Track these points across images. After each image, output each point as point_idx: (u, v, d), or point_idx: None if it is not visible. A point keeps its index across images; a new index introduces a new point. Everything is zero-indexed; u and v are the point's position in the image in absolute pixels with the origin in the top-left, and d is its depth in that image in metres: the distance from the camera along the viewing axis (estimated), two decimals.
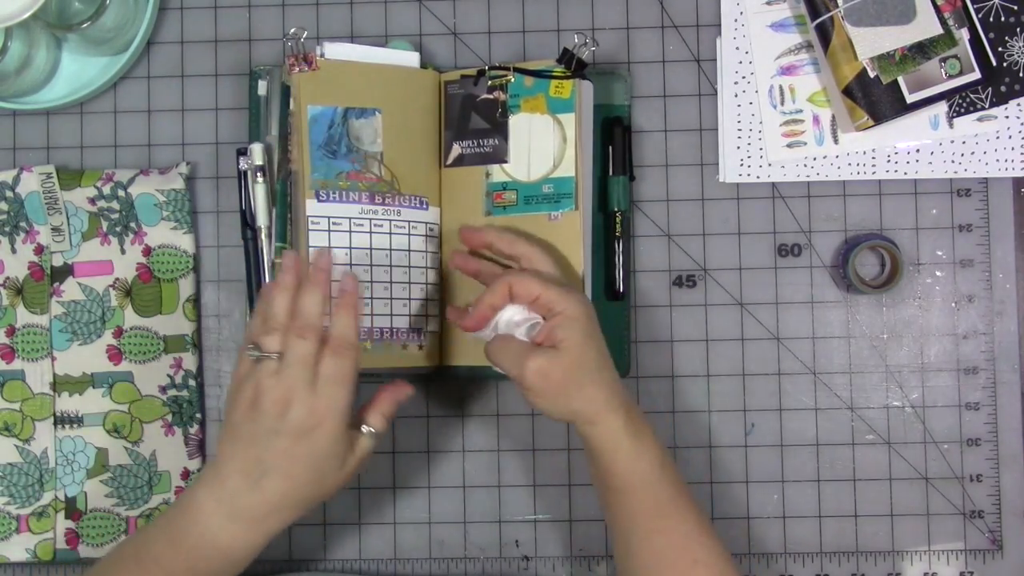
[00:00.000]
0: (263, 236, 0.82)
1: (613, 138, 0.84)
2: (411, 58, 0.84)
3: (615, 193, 0.84)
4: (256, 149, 0.81)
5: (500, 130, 0.83)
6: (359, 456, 0.70)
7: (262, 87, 0.84)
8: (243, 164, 0.82)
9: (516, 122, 0.82)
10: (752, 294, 0.87)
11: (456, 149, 0.84)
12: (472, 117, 0.83)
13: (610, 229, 0.84)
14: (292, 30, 0.79)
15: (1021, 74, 0.83)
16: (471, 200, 0.83)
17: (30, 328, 0.86)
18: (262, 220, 0.81)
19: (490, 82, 0.83)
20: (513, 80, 0.82)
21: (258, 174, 0.81)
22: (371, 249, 0.80)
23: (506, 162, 0.82)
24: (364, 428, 0.71)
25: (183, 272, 0.86)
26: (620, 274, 0.84)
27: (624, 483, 0.71)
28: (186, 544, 0.68)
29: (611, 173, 0.84)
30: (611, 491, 0.72)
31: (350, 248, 0.80)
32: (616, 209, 0.84)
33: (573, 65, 0.80)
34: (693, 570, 0.70)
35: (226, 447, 0.69)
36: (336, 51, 0.81)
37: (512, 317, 0.72)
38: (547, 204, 0.81)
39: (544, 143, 0.81)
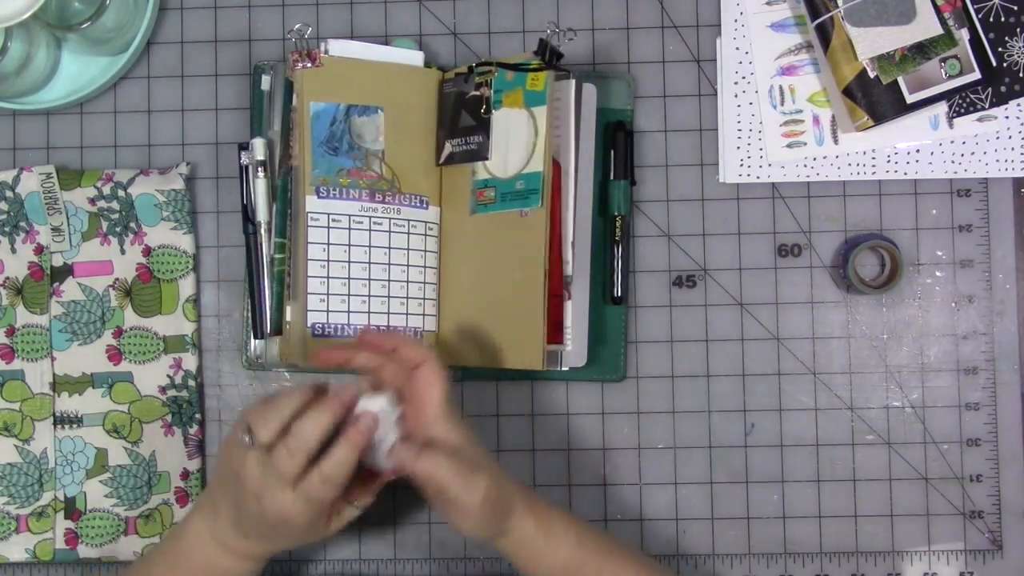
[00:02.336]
0: (263, 231, 0.82)
1: (615, 142, 0.84)
2: (415, 57, 0.83)
3: (615, 197, 0.84)
4: (257, 144, 0.81)
5: (484, 127, 0.81)
6: (343, 521, 0.73)
7: (265, 82, 0.83)
8: (244, 159, 0.83)
9: (498, 118, 0.81)
10: (752, 294, 0.87)
11: (448, 148, 0.83)
12: (462, 115, 0.82)
13: (609, 233, 0.84)
14: (297, 26, 0.79)
15: (1021, 74, 0.83)
16: (460, 199, 0.83)
17: (30, 328, 0.86)
18: (262, 215, 0.81)
19: (476, 78, 0.82)
20: (497, 75, 0.81)
21: (259, 169, 0.81)
22: (370, 247, 0.80)
23: (487, 159, 0.81)
24: (355, 504, 0.73)
25: (183, 272, 0.86)
26: (619, 279, 0.84)
27: None
28: (185, 567, 0.73)
29: (612, 177, 0.84)
30: None
31: (348, 245, 0.80)
32: (616, 213, 0.84)
33: (547, 55, 0.78)
34: None
35: (218, 491, 0.72)
36: (340, 48, 0.81)
37: (384, 437, 0.69)
38: (519, 201, 0.79)
39: (519, 138, 0.80)
